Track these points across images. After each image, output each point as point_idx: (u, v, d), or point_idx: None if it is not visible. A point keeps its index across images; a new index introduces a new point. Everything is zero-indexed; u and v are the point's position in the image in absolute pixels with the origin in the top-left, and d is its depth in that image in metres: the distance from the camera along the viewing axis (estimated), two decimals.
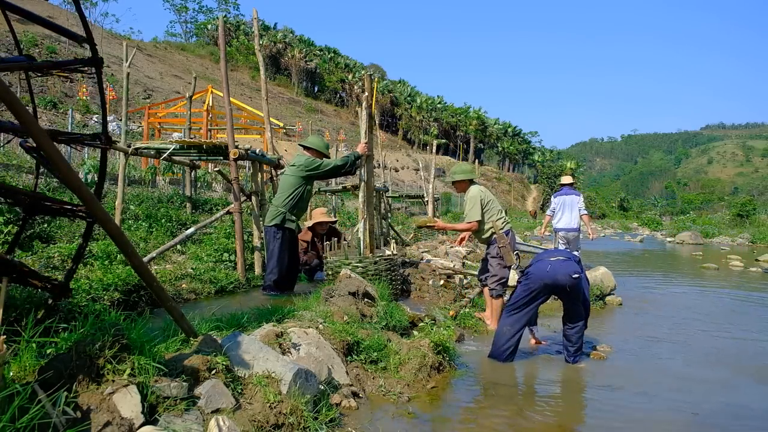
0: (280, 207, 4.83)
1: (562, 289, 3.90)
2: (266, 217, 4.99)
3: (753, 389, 3.54)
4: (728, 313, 6.18)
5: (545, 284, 3.88)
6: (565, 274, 3.82)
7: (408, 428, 2.58)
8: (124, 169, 6.64)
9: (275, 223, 4.81)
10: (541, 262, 3.97)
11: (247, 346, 2.39)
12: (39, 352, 1.87)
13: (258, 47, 6.84)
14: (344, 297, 3.80)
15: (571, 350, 3.98)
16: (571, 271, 3.83)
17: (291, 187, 4.86)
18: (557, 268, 3.85)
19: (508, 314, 4.02)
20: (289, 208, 4.84)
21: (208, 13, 69.80)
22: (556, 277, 3.83)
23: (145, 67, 42.39)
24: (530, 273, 3.97)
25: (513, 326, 3.93)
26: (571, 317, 4.00)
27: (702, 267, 11.40)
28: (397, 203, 21.57)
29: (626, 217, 50.87)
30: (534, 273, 3.93)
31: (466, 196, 5.00)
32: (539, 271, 3.90)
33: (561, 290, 3.91)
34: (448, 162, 52.52)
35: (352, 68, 69.90)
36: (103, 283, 3.97)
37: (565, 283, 3.83)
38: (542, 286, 3.89)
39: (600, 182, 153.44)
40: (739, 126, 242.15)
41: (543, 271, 3.88)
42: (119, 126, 19.01)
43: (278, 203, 4.87)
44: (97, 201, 1.83)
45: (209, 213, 9.06)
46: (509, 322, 3.95)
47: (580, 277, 3.87)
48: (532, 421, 2.88)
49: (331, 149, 5.94)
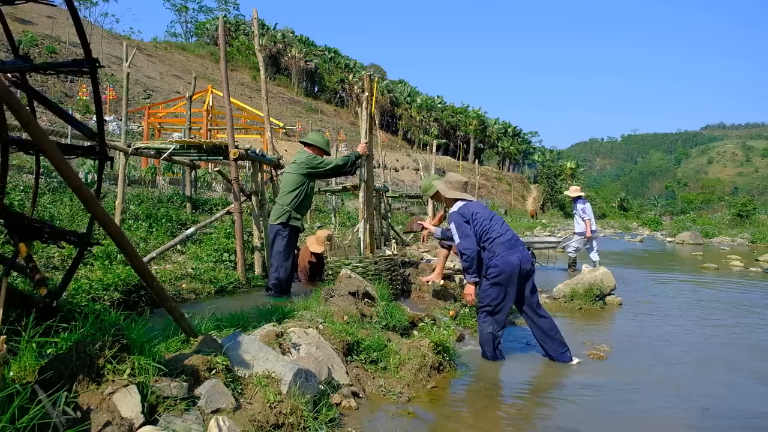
0: (286, 205, 4.78)
1: (526, 277, 3.92)
2: (271, 216, 4.93)
3: (755, 388, 3.54)
4: (729, 312, 6.18)
5: (515, 276, 3.84)
6: (529, 261, 3.93)
7: (408, 428, 2.58)
8: (124, 169, 6.64)
9: (281, 221, 4.76)
10: (507, 254, 3.85)
11: (247, 346, 2.39)
12: (39, 352, 1.87)
13: (258, 47, 6.84)
14: (344, 297, 3.80)
15: (558, 348, 3.91)
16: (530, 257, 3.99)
17: (294, 185, 4.82)
18: (524, 257, 3.89)
19: (486, 317, 3.90)
20: (295, 207, 4.80)
21: (208, 13, 69.87)
22: (524, 266, 3.86)
23: (145, 67, 42.40)
24: (497, 267, 3.83)
25: (495, 327, 3.88)
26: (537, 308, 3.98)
27: (702, 267, 11.40)
28: (397, 203, 21.55)
29: (626, 217, 50.88)
30: (502, 266, 3.82)
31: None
32: (509, 265, 3.82)
33: (525, 278, 3.92)
34: (448, 162, 52.53)
35: (352, 68, 69.96)
36: (103, 283, 3.97)
37: (529, 269, 3.92)
38: (512, 278, 3.84)
39: (600, 182, 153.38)
40: (739, 126, 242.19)
41: (513, 264, 3.82)
42: (119, 126, 19.02)
43: (283, 202, 4.81)
44: (97, 201, 1.83)
45: (209, 213, 9.06)
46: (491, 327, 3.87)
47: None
48: (532, 420, 2.88)
49: (331, 149, 5.91)
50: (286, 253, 4.78)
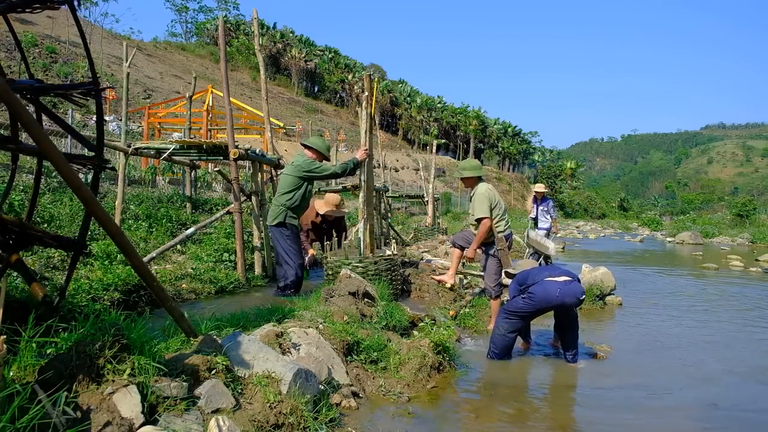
0: (281, 205, 4.81)
1: (565, 308, 3.85)
2: (269, 217, 4.95)
3: (760, 385, 3.54)
4: (729, 312, 6.18)
5: (550, 305, 3.83)
6: (573, 297, 3.77)
7: (408, 428, 2.58)
8: (124, 169, 6.63)
9: (279, 221, 4.79)
10: (548, 283, 3.79)
11: (247, 346, 2.39)
12: (39, 352, 1.87)
13: (258, 47, 6.84)
14: (344, 297, 3.80)
15: (570, 355, 3.97)
16: (579, 293, 3.80)
17: (290, 186, 4.84)
18: (566, 291, 3.75)
19: (506, 318, 3.94)
20: (291, 207, 4.83)
21: (208, 13, 69.86)
22: (564, 300, 3.76)
23: (145, 67, 42.40)
24: (534, 295, 3.80)
25: (510, 329, 3.90)
26: (568, 326, 3.95)
27: (702, 267, 11.40)
28: (397, 203, 21.55)
29: (626, 217, 50.93)
30: (539, 295, 3.78)
31: (473, 193, 4.90)
32: (547, 294, 3.77)
33: (564, 309, 3.87)
34: (448, 162, 52.53)
35: (352, 68, 69.94)
36: (103, 283, 3.96)
37: (572, 304, 3.80)
38: (546, 306, 3.83)
39: (600, 182, 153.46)
40: (739, 126, 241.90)
41: (552, 295, 3.76)
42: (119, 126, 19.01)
43: (279, 202, 4.85)
44: (97, 201, 1.83)
45: (209, 213, 9.05)
46: (507, 327, 3.90)
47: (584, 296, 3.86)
48: (532, 420, 2.88)
49: (331, 149, 5.92)
50: (294, 250, 4.81)
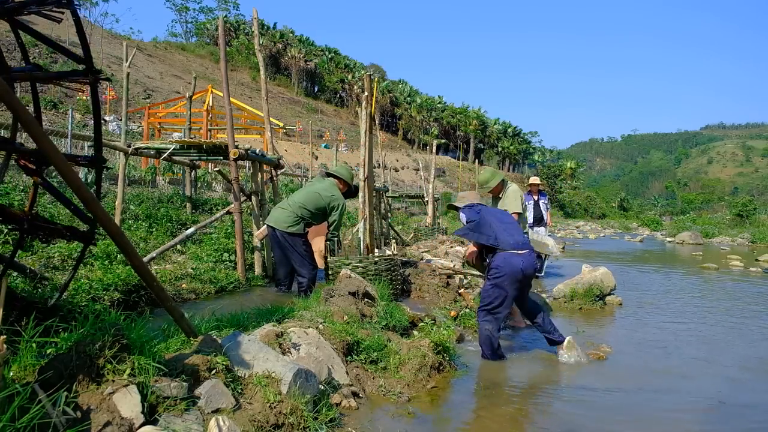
0: (301, 217, 4.90)
1: (526, 282, 3.95)
2: (285, 222, 4.87)
3: (759, 386, 3.54)
4: (729, 311, 6.18)
5: (517, 279, 3.85)
6: (532, 266, 3.91)
7: (408, 428, 2.58)
8: (124, 169, 6.64)
9: (299, 232, 4.90)
10: (510, 256, 3.85)
11: (247, 346, 2.39)
12: (39, 352, 1.87)
13: (258, 47, 6.84)
14: (344, 297, 3.80)
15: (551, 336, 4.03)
16: (534, 262, 3.97)
17: (316, 207, 4.97)
18: (528, 262, 3.87)
19: (486, 316, 3.92)
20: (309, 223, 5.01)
21: (209, 13, 69.89)
22: (527, 271, 3.86)
23: (145, 67, 42.41)
24: (500, 269, 3.83)
25: (495, 326, 3.90)
26: (532, 307, 4.06)
27: (702, 267, 11.39)
28: (397, 203, 21.57)
29: (626, 217, 50.87)
30: (504, 268, 3.82)
31: (506, 191, 5.38)
32: (512, 267, 3.81)
33: (525, 282, 3.95)
34: (448, 162, 52.51)
35: (352, 68, 70.00)
36: (103, 283, 3.97)
37: (531, 274, 3.93)
38: (515, 281, 3.85)
39: (600, 182, 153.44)
40: (739, 126, 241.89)
41: (516, 267, 3.81)
42: (119, 126, 19.02)
43: (300, 213, 4.90)
44: (97, 201, 1.83)
45: (209, 213, 9.06)
46: (490, 327, 3.88)
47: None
48: (532, 420, 2.88)
49: (330, 149, 5.93)
50: (311, 255, 4.97)
